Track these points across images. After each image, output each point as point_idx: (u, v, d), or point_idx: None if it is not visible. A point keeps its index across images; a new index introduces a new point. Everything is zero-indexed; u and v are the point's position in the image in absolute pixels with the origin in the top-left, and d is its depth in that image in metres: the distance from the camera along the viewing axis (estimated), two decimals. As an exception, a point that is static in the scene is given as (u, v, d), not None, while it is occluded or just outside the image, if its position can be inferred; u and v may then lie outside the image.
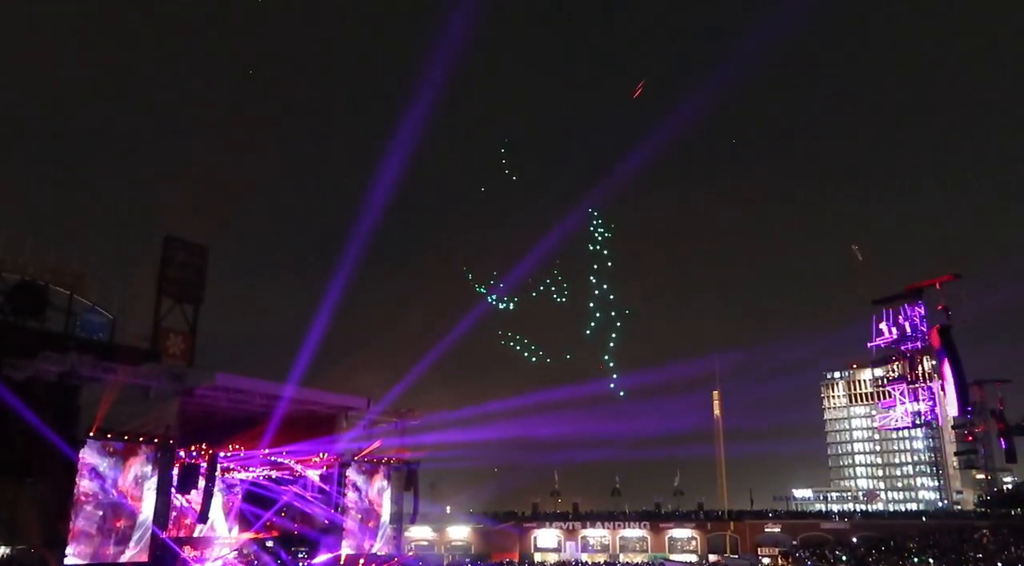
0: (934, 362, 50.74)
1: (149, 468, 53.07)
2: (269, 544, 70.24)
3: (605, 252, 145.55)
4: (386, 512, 74.08)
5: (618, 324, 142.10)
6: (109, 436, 50.92)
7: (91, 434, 50.00)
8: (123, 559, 50.77)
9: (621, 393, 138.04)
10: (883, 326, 52.99)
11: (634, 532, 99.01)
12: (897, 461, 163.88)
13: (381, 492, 73.97)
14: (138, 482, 52.34)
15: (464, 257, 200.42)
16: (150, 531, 52.35)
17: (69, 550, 48.22)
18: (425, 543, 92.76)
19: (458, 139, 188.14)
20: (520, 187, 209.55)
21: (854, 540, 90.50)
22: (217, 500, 66.10)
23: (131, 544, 51.46)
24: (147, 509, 52.45)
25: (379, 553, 72.36)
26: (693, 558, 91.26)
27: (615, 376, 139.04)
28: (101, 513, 50.02)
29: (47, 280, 53.24)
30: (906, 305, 51.36)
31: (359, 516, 71.69)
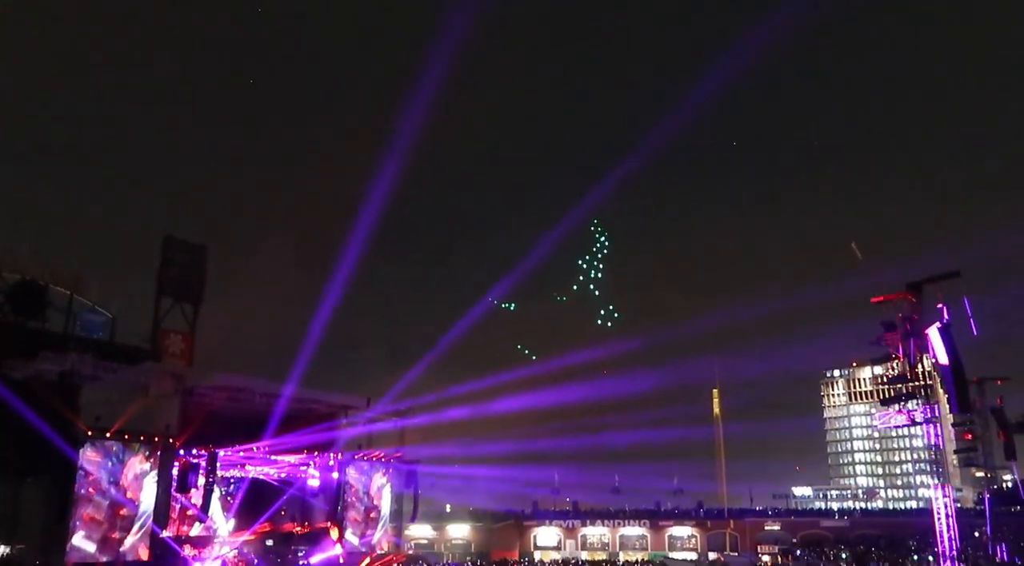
0: (934, 360, 50.72)
1: (149, 467, 53.17)
2: (269, 543, 70.33)
3: (605, 243, 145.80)
4: (386, 510, 74.17)
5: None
6: (109, 435, 51.01)
7: (91, 433, 50.11)
8: (122, 558, 50.90)
9: (616, 315, 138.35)
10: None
11: (634, 530, 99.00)
12: (897, 459, 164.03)
13: (381, 491, 74.03)
14: (138, 481, 52.40)
15: (466, 257, 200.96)
16: (150, 530, 52.46)
17: (69, 549, 48.33)
18: (425, 541, 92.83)
19: (459, 139, 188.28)
20: (520, 189, 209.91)
21: (853, 538, 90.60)
22: (217, 499, 66.20)
23: (131, 543, 51.57)
24: (147, 508, 52.55)
25: (379, 551, 72.46)
26: (693, 556, 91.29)
27: (613, 312, 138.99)
28: (101, 513, 50.09)
29: (47, 280, 53.25)
30: (906, 303, 51.36)
31: (359, 515, 71.75)
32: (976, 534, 69.81)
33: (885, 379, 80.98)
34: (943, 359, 48.16)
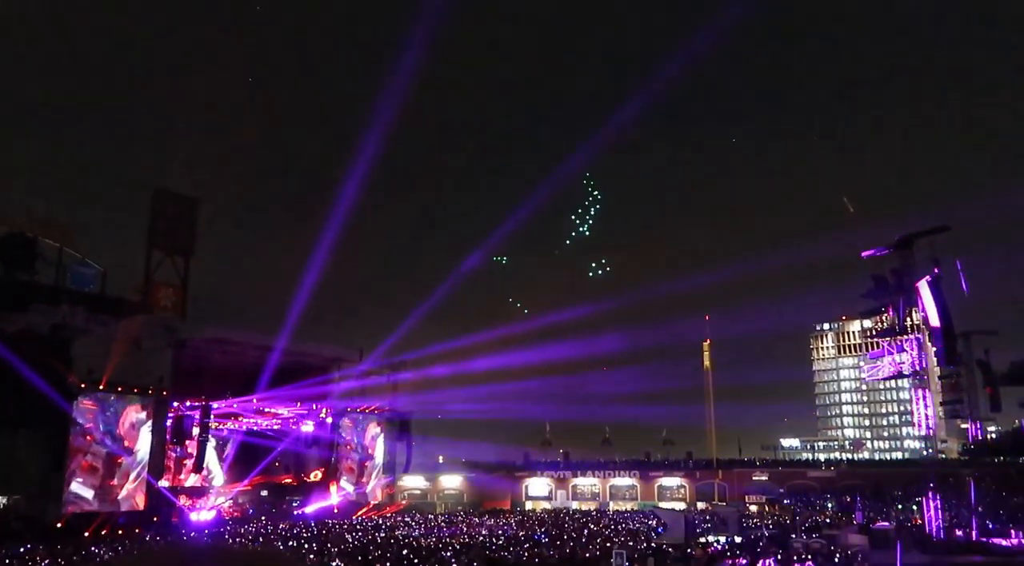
0: (922, 314, 51.09)
1: (145, 416, 53.55)
2: (264, 494, 71.29)
3: (596, 196, 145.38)
4: (380, 460, 75.09)
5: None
6: (102, 388, 51.21)
7: (83, 386, 50.28)
8: (119, 507, 51.52)
9: (607, 269, 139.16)
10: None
11: (624, 480, 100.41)
12: (883, 411, 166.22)
13: (375, 441, 74.89)
14: (135, 430, 52.85)
15: (458, 211, 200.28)
16: (145, 481, 53.03)
17: (67, 497, 48.85)
18: (418, 492, 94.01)
19: (446, 93, 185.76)
20: (510, 144, 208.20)
21: (840, 488, 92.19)
22: (212, 451, 66.86)
23: (128, 491, 52.16)
24: (143, 456, 53.07)
25: (375, 501, 73.57)
26: (682, 506, 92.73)
27: (605, 265, 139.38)
28: (98, 461, 50.60)
29: (36, 232, 52.87)
30: (896, 257, 51.53)
31: (354, 465, 72.65)
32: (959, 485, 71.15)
33: (874, 332, 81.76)
34: (932, 312, 48.55)
